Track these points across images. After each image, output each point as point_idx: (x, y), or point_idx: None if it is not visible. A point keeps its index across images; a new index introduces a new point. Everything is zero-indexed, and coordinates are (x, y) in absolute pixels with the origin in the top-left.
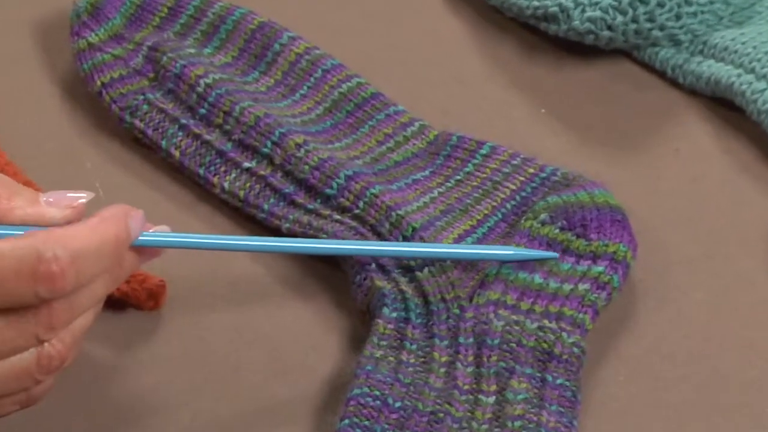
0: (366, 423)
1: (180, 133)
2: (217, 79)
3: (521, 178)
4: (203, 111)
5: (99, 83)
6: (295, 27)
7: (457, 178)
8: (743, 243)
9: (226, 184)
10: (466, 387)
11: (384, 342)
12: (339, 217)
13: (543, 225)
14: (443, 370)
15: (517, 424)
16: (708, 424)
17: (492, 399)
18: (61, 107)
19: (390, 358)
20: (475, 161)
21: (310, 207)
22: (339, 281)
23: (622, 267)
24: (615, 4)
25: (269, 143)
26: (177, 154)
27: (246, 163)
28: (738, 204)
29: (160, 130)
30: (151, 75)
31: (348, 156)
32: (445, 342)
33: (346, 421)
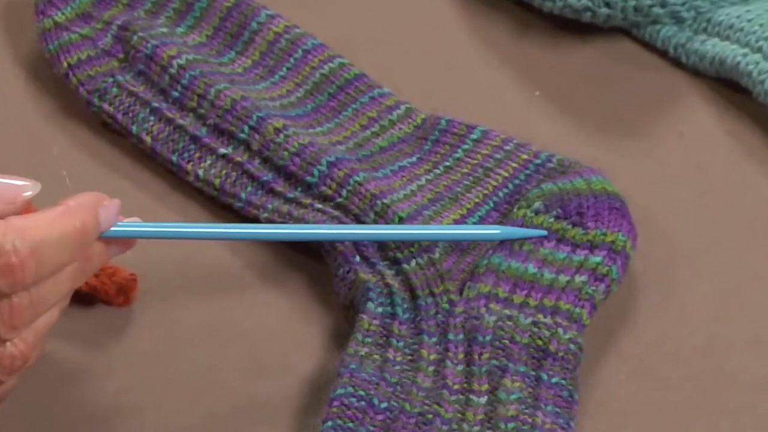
0: (350, 425)
1: (151, 118)
2: (191, 60)
3: (514, 164)
4: (176, 94)
5: (65, 65)
6: (274, 5)
7: (446, 164)
8: (751, 232)
9: (200, 171)
10: (456, 386)
11: (369, 339)
12: (320, 207)
13: (537, 214)
14: (432, 368)
15: (511, 425)
16: (713, 426)
17: (484, 399)
18: (26, 90)
19: (375, 356)
20: (465, 147)
21: (289, 196)
22: (321, 274)
23: (621, 257)
24: None
25: (246, 128)
26: (148, 139)
27: (222, 150)
28: (745, 190)
29: (130, 114)
30: (121, 56)
31: (330, 141)
32: (434, 339)
33: (328, 423)
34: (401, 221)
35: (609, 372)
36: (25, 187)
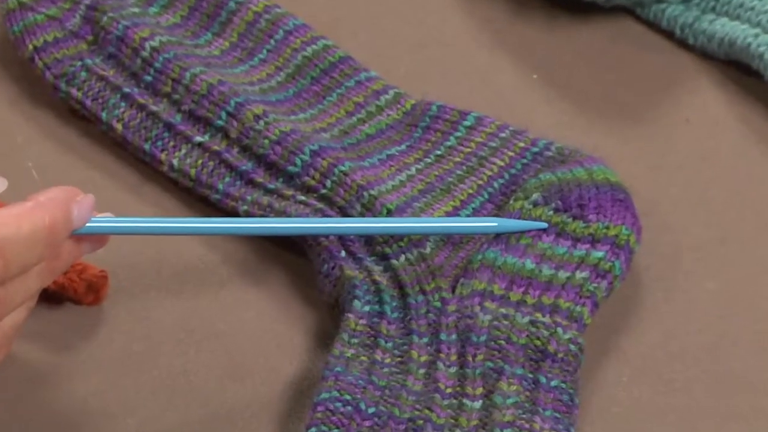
0: (335, 431)
1: (123, 104)
2: (165, 42)
3: (510, 153)
4: (149, 78)
5: (31, 47)
6: None
7: (438, 153)
8: (761, 225)
9: (175, 161)
10: (448, 390)
11: (355, 339)
12: (303, 198)
13: (535, 206)
14: (423, 371)
15: (507, 431)
16: (722, 431)
17: (478, 404)
18: None
19: (362, 357)
20: (458, 134)
21: (270, 187)
22: (304, 271)
23: (624, 252)
24: None
25: (224, 114)
26: (119, 127)
27: (197, 138)
28: (755, 180)
29: (100, 100)
30: (90, 38)
31: (313, 128)
32: (425, 339)
33: (312, 429)
34: (389, 214)
35: (611, 374)
36: None
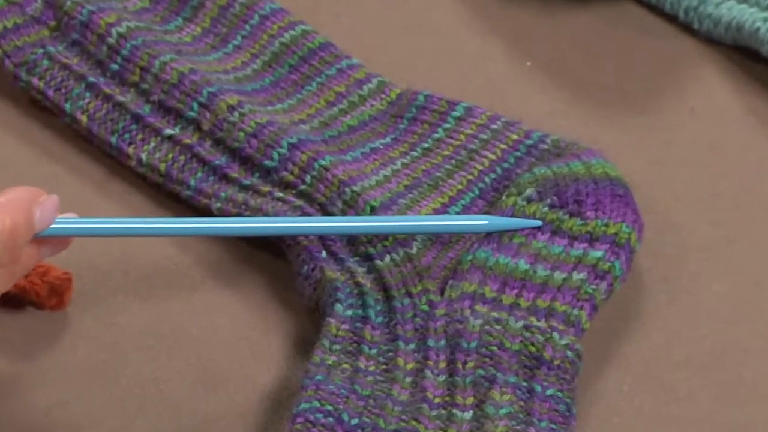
0: None
1: (87, 94)
2: (133, 28)
3: (502, 145)
4: (116, 67)
5: None
6: None
7: (425, 146)
8: None
9: (143, 155)
10: (437, 400)
11: (337, 346)
12: (281, 195)
13: (529, 202)
14: (409, 379)
15: None
16: None
17: (469, 414)
18: None
19: (345, 365)
20: (447, 126)
21: (245, 182)
22: (282, 273)
23: (625, 252)
24: None
25: (196, 105)
26: (84, 119)
27: (167, 130)
28: (766, 175)
29: (63, 90)
30: (52, 23)
31: (292, 120)
32: (412, 345)
33: None
34: (373, 211)
35: (611, 382)
36: None
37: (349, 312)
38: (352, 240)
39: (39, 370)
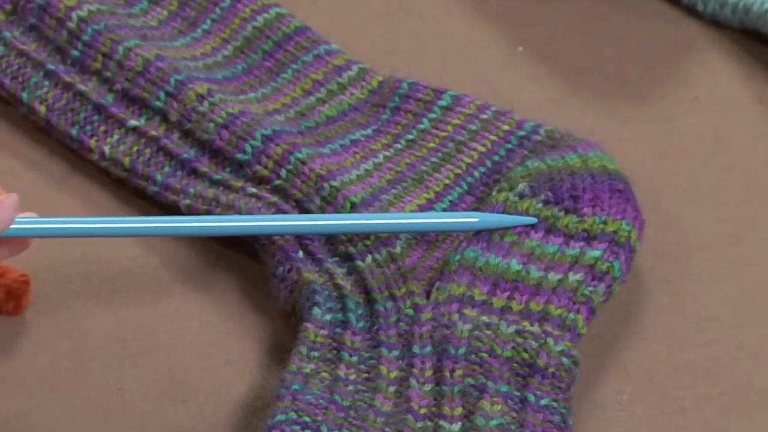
0: None
1: (46, 83)
2: (94, 12)
3: (493, 137)
4: (76, 53)
5: None
6: None
7: (409, 137)
8: None
9: (106, 148)
10: (423, 411)
11: (315, 353)
12: (254, 190)
13: (522, 198)
14: (393, 388)
15: None
16: None
17: (457, 426)
18: None
19: (323, 373)
20: (432, 116)
21: (216, 177)
22: (256, 275)
23: (624, 251)
24: None
25: (162, 94)
26: (42, 109)
27: (132, 121)
28: None
29: (20, 78)
30: (8, 7)
31: (266, 110)
32: (395, 352)
33: None
34: (354, 208)
35: (610, 391)
36: None
37: (328, 316)
38: (330, 239)
39: None
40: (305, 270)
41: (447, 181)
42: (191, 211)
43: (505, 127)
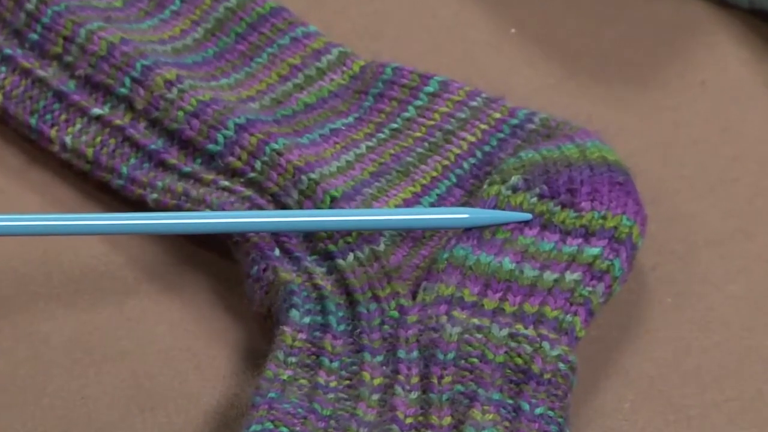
0: None
1: (2, 69)
2: None
3: (483, 126)
4: (35, 37)
5: None
6: None
7: (393, 126)
8: None
9: (68, 138)
10: (408, 420)
11: (293, 358)
12: (227, 184)
13: (515, 192)
14: (376, 396)
15: None
16: None
17: None
18: None
19: (302, 380)
20: (419, 103)
21: (186, 170)
22: (228, 274)
23: (626, 248)
24: None
25: (128, 80)
26: None
27: (96, 110)
28: None
29: None
30: None
31: (239, 97)
32: (379, 357)
33: None
34: (334, 202)
35: (610, 399)
36: None
37: (307, 319)
38: (309, 236)
39: None
40: (282, 269)
41: (434, 174)
42: (159, 206)
43: (497, 115)
